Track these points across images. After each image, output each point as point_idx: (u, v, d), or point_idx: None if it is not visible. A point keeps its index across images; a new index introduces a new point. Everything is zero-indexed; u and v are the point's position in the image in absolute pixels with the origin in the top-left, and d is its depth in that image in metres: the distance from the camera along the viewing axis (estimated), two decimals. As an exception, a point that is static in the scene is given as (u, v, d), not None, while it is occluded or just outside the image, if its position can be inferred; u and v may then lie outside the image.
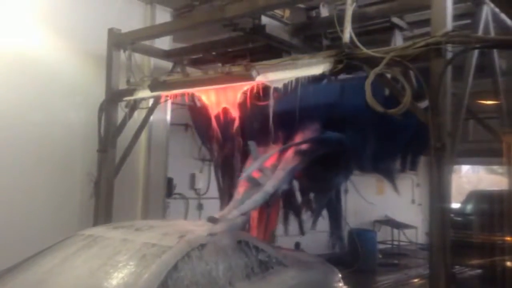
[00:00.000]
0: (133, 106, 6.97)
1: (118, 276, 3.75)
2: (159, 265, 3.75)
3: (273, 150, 6.05)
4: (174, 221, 6.21)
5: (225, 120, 6.35)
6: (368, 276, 10.18)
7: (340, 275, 5.60)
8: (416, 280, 10.02)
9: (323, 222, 6.84)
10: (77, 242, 4.43)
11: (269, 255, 4.73)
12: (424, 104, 4.53)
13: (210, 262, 4.11)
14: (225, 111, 6.20)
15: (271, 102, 5.56)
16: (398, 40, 5.73)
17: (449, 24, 4.36)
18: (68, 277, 3.95)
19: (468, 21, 5.32)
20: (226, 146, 6.68)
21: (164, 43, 7.88)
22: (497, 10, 5.37)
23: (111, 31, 7.11)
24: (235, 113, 6.14)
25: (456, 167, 9.79)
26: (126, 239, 4.25)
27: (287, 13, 6.26)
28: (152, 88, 6.36)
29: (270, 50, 6.49)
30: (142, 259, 3.87)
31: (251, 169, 5.77)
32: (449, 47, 4.26)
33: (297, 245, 10.60)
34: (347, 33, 4.70)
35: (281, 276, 4.70)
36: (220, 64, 7.17)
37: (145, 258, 3.88)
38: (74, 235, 4.62)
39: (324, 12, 6.15)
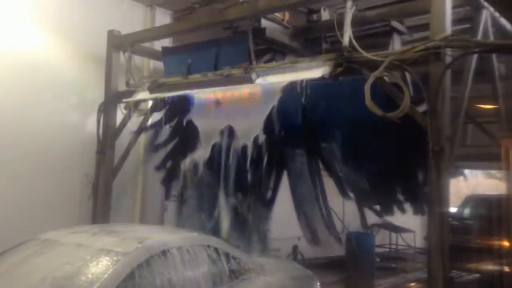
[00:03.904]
0: (132, 108, 6.97)
1: (64, 288, 3.36)
2: (111, 274, 3.42)
3: None
4: (143, 226, 5.91)
5: None
6: (366, 280, 10.14)
7: (318, 283, 5.33)
8: (413, 284, 10.00)
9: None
10: (30, 247, 4.04)
11: (240, 262, 4.46)
12: (422, 108, 4.55)
13: (173, 270, 3.81)
14: None
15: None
16: (396, 44, 5.74)
17: (448, 29, 4.37)
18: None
19: (468, 25, 5.33)
20: None
21: (164, 45, 7.87)
22: (496, 14, 5.37)
23: (111, 33, 7.12)
24: None
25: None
26: (81, 245, 3.91)
27: (287, 16, 6.27)
28: (152, 90, 6.36)
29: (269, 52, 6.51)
30: (94, 267, 3.53)
31: None
32: (448, 51, 4.27)
33: (295, 248, 10.54)
34: (347, 37, 4.72)
35: (251, 285, 4.42)
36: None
37: (98, 266, 3.53)
38: (31, 239, 4.23)
39: (325, 15, 6.17)
